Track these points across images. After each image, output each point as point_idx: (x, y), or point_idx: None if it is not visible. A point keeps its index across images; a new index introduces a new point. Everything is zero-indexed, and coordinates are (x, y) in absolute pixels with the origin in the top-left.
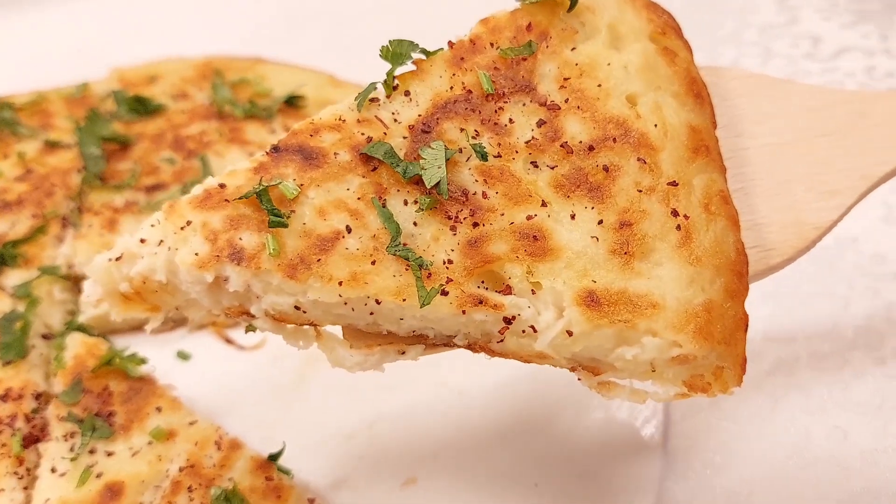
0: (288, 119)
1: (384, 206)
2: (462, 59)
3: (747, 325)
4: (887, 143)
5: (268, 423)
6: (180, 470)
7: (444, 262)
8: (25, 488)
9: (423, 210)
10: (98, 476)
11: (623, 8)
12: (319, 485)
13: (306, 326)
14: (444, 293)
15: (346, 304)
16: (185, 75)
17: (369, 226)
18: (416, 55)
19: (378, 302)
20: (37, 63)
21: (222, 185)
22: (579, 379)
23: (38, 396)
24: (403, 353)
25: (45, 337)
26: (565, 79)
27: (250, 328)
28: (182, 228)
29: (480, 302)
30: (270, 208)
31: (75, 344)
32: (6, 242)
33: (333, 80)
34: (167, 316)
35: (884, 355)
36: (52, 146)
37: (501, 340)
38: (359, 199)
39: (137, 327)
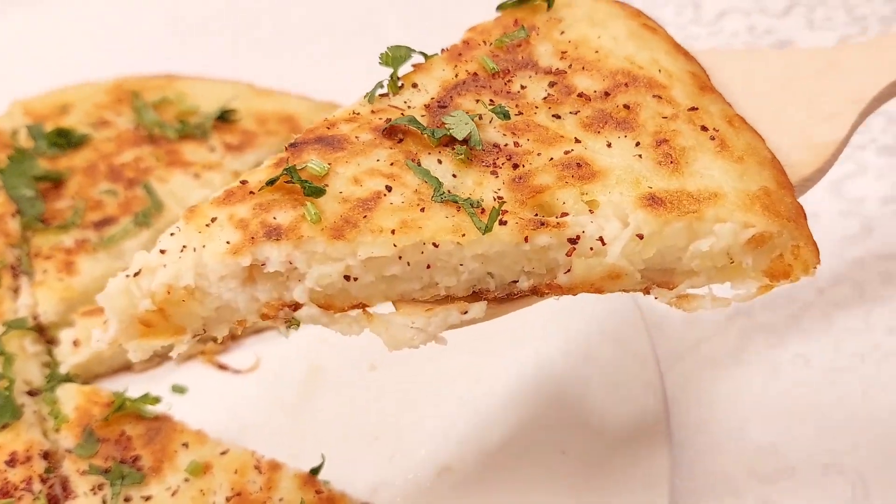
0: (224, 135)
1: (419, 165)
2: (460, 54)
3: (805, 214)
4: (866, 74)
5: (286, 441)
6: (227, 500)
7: (495, 199)
8: None
9: (460, 156)
10: None
11: (597, 5)
12: (359, 490)
13: (354, 313)
14: (503, 223)
15: (400, 258)
16: (98, 101)
17: (408, 184)
18: (414, 58)
19: (436, 245)
20: None
21: (244, 182)
22: (656, 297)
23: (45, 456)
24: (466, 312)
25: (31, 394)
26: (563, 52)
27: (293, 323)
28: (207, 226)
29: (542, 224)
30: (302, 180)
31: (70, 395)
32: None
33: (256, 90)
34: (192, 338)
35: (821, 286)
36: None
37: (569, 270)
38: (391, 164)
39: (121, 369)
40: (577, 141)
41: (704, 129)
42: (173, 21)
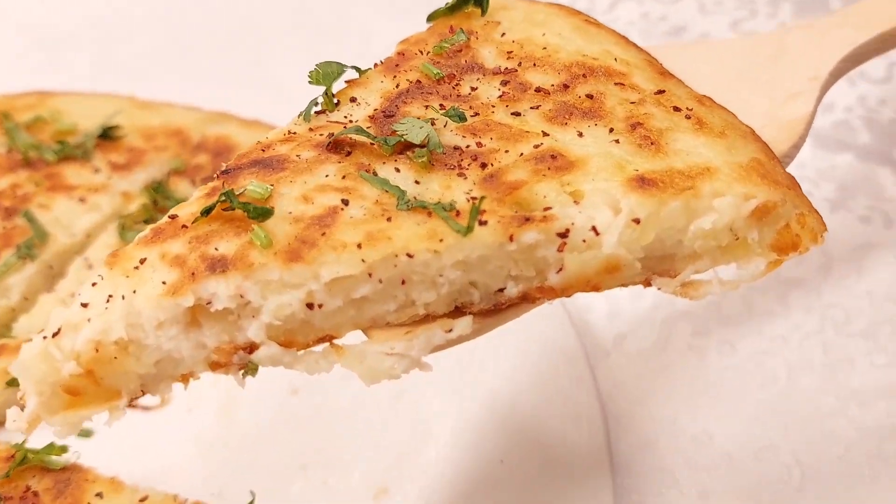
0: (109, 154)
1: (375, 176)
2: (397, 65)
3: (798, 184)
4: (817, 54)
5: (209, 479)
6: None
7: (468, 200)
8: None
9: (422, 159)
10: None
11: (534, 7)
12: None
13: (320, 347)
14: (483, 223)
15: (371, 275)
16: None
17: (366, 195)
18: (346, 74)
19: (410, 255)
20: None
21: (173, 217)
22: (659, 288)
23: None
24: (451, 330)
25: None
26: (509, 52)
27: (251, 369)
28: (135, 269)
29: (527, 220)
30: (244, 203)
31: None
32: None
33: (138, 102)
34: (129, 402)
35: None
36: None
37: (561, 269)
38: (343, 178)
39: None
40: (545, 134)
41: (677, 109)
42: (36, 33)
